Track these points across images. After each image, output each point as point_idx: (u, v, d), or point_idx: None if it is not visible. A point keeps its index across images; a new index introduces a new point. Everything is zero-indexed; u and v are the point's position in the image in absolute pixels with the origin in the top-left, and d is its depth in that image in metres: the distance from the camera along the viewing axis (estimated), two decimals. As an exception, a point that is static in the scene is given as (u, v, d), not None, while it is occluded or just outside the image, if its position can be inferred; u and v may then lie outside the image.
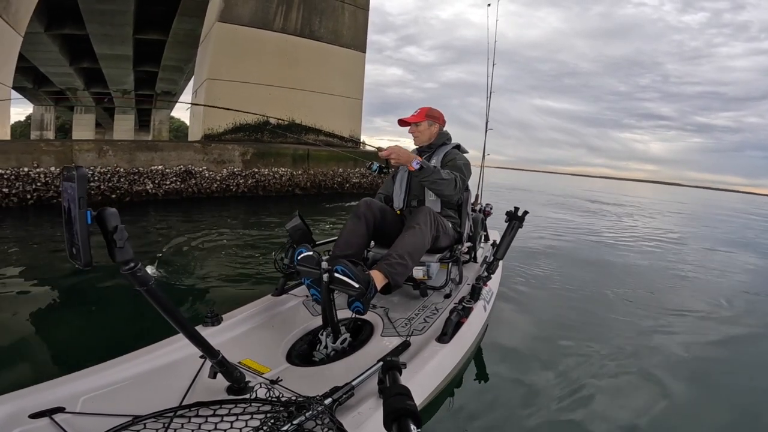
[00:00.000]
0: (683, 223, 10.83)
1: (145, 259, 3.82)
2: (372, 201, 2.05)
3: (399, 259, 1.69)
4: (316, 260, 1.54)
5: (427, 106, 2.20)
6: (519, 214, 1.86)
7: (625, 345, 2.39)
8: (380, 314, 1.79)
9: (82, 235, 0.76)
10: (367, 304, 1.58)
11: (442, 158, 2.16)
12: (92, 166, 6.34)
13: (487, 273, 1.99)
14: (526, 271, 3.84)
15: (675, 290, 3.70)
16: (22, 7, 7.69)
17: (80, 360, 1.38)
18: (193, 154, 7.39)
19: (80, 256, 0.76)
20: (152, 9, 14.58)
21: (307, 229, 1.90)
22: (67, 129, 33.13)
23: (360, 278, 1.50)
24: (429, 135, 2.21)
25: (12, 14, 7.36)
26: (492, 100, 3.80)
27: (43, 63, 19.20)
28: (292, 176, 8.35)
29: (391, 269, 1.66)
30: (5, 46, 7.56)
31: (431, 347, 1.48)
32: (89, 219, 0.77)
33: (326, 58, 9.85)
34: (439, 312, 1.83)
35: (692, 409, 1.80)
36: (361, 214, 1.96)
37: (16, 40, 7.88)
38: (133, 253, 0.83)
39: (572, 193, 19.72)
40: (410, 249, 1.74)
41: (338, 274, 1.49)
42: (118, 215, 0.80)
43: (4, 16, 7.13)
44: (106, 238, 0.80)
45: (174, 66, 21.36)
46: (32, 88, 23.76)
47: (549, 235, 6.31)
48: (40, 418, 1.02)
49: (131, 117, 29.60)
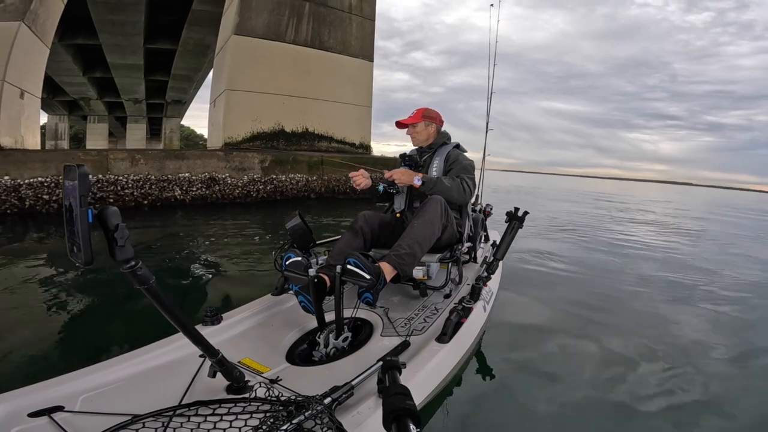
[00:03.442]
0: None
1: (163, 258, 3.89)
2: (371, 215, 2.05)
3: (408, 249, 1.69)
4: (304, 265, 1.54)
5: (423, 107, 2.22)
6: (519, 214, 1.86)
7: (626, 345, 2.36)
8: (380, 314, 1.78)
9: (83, 233, 0.75)
10: (377, 296, 1.60)
11: (445, 158, 2.16)
12: (126, 174, 6.74)
13: (487, 273, 1.97)
14: (526, 271, 3.81)
15: (687, 299, 3.47)
16: (49, 19, 7.84)
17: (80, 359, 1.38)
18: (217, 162, 7.72)
19: (81, 254, 0.76)
20: (162, 19, 14.83)
21: (308, 229, 1.90)
22: (81, 138, 33.61)
23: (371, 270, 1.51)
24: (427, 135, 2.22)
25: (40, 26, 7.50)
26: (499, 103, 3.82)
27: (57, 73, 19.51)
28: (307, 182, 8.68)
29: (400, 260, 1.66)
30: (35, 57, 7.73)
31: (431, 347, 1.46)
32: (90, 217, 0.76)
33: (336, 67, 10.05)
34: (438, 312, 1.82)
35: (691, 413, 1.77)
36: (358, 227, 1.97)
37: (44, 52, 8.04)
38: (133, 251, 0.82)
39: (579, 193, 19.58)
40: (419, 239, 1.74)
41: (350, 266, 1.51)
42: (119, 214, 0.79)
43: (33, 29, 7.27)
44: (107, 237, 0.79)
45: (184, 75, 21.67)
46: (47, 97, 24.19)
47: (550, 234, 6.26)
48: (39, 416, 1.02)
49: (143, 126, 29.94)
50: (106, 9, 13.57)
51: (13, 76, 6.99)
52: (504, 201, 12.52)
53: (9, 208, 5.76)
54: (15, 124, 7.23)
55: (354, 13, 10.27)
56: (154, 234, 5.11)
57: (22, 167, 5.97)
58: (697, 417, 1.72)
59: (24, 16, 6.95)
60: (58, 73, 19.57)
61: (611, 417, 1.67)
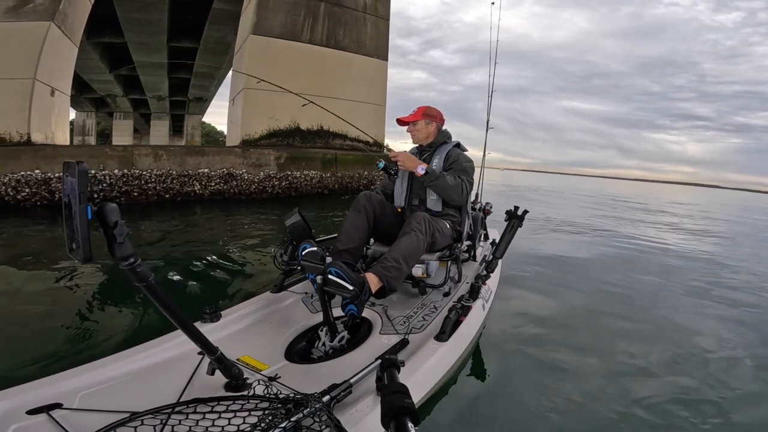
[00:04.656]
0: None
1: (173, 251, 3.94)
2: (372, 194, 2.04)
3: (394, 263, 1.67)
4: (320, 255, 1.53)
5: (424, 105, 2.20)
6: (519, 213, 1.82)
7: (626, 345, 2.32)
8: (379, 312, 1.76)
9: (82, 230, 0.74)
10: (362, 307, 1.56)
11: (445, 157, 2.13)
12: (149, 169, 6.92)
13: (486, 272, 1.95)
14: (525, 271, 3.75)
15: (696, 306, 3.27)
16: (77, 18, 8.00)
17: (79, 356, 1.37)
18: (234, 159, 7.88)
19: (80, 251, 0.75)
20: (184, 18, 15.01)
21: (307, 226, 1.89)
22: (107, 134, 34.34)
23: (354, 280, 1.48)
24: (426, 133, 2.19)
25: (68, 26, 7.64)
26: (518, 103, 3.81)
27: (84, 70, 19.89)
28: (321, 178, 8.79)
29: (387, 272, 1.63)
30: (64, 56, 7.89)
31: (430, 345, 1.45)
32: (89, 214, 0.75)
33: (351, 66, 10.05)
34: (437, 310, 1.80)
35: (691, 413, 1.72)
36: (361, 206, 1.95)
37: (73, 51, 8.21)
38: (132, 248, 0.81)
39: (597, 195, 19.22)
40: (406, 253, 1.72)
41: (332, 276, 1.47)
42: (118, 211, 0.78)
43: (62, 28, 7.42)
44: (106, 234, 0.78)
45: (205, 72, 21.89)
46: (75, 94, 24.75)
47: (553, 235, 6.17)
48: (38, 414, 1.00)
49: (166, 122, 30.39)
50: (132, 8, 13.79)
51: (44, 74, 7.14)
52: (515, 201, 12.31)
53: (39, 200, 5.97)
54: (46, 120, 7.40)
55: (368, 12, 10.24)
56: (171, 226, 5.20)
57: (52, 162, 6.19)
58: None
59: (53, 17, 7.09)
60: (85, 70, 19.94)
61: (611, 417, 1.64)
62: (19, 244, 4.19)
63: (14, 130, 6.75)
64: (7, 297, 2.64)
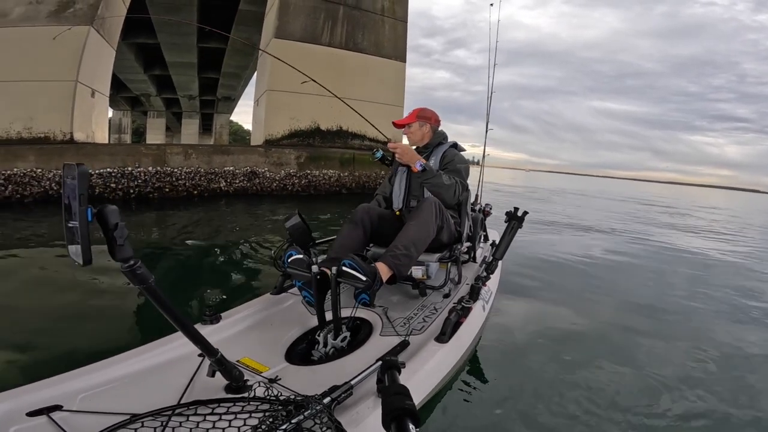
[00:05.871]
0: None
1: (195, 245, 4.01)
2: (370, 207, 2.01)
3: (404, 251, 1.65)
4: (307, 263, 1.52)
5: (419, 107, 2.17)
6: (519, 214, 1.77)
7: (626, 345, 2.28)
8: (379, 313, 1.73)
9: (82, 232, 0.73)
10: (374, 296, 1.58)
11: (440, 158, 2.10)
12: (180, 167, 7.31)
13: (486, 273, 1.90)
14: (525, 272, 3.68)
15: (707, 310, 3.17)
16: (114, 22, 8.27)
17: (78, 357, 1.34)
18: (257, 157, 8.23)
19: (80, 253, 0.74)
20: (212, 19, 15.34)
21: (307, 228, 1.87)
22: (141, 132, 35.40)
23: (367, 271, 1.48)
24: (421, 135, 2.17)
25: (106, 29, 7.90)
26: (545, 103, 3.67)
27: (121, 70, 20.50)
28: (339, 177, 8.94)
29: (396, 261, 1.62)
30: (103, 58, 8.18)
31: (430, 347, 1.42)
32: (90, 216, 0.74)
33: (369, 68, 10.05)
34: (438, 312, 1.76)
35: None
36: (358, 219, 1.92)
37: (111, 53, 8.50)
38: (132, 250, 0.80)
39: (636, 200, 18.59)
40: (414, 239, 1.69)
41: (346, 267, 1.48)
42: (118, 213, 0.77)
43: (101, 32, 7.68)
44: (107, 236, 0.76)
45: (232, 72, 22.31)
46: (112, 93, 25.55)
47: (556, 235, 6.03)
48: (38, 416, 0.98)
49: (196, 121, 31.06)
50: (163, 10, 14.15)
51: (85, 76, 7.41)
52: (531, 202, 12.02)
53: (81, 195, 6.33)
54: (86, 120, 7.70)
55: (386, 15, 10.22)
56: (193, 218, 5.34)
57: (92, 159, 6.55)
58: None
59: (92, 21, 7.34)
60: (121, 70, 20.57)
61: (611, 417, 1.61)
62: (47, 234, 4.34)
63: (58, 130, 7.08)
64: (6, 297, 2.62)
